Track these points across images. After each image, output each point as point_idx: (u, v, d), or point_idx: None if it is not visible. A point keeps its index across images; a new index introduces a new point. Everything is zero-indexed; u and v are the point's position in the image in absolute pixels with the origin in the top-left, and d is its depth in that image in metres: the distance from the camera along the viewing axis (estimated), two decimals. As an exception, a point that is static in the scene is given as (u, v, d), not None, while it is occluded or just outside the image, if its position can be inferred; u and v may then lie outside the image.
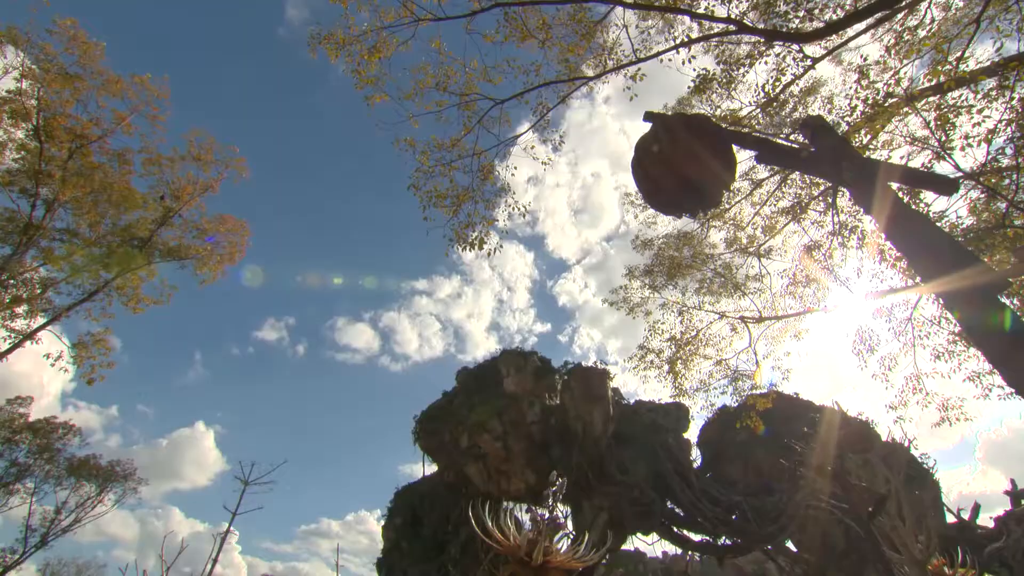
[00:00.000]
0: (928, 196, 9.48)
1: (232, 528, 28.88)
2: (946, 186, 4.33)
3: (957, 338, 10.45)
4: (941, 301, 9.53)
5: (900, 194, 4.49)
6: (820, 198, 12.16)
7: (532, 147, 8.51)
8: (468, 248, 7.12)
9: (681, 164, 3.59)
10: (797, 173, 12.16)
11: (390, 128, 7.53)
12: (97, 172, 12.76)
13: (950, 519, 25.10)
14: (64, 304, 14.65)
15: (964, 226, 9.67)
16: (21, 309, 13.98)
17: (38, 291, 14.20)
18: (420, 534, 28.85)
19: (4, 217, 12.89)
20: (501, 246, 7.62)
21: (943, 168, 8.95)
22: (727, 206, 13.51)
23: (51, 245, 13.68)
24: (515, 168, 8.31)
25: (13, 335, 14.08)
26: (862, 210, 10.08)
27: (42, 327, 14.32)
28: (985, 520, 24.63)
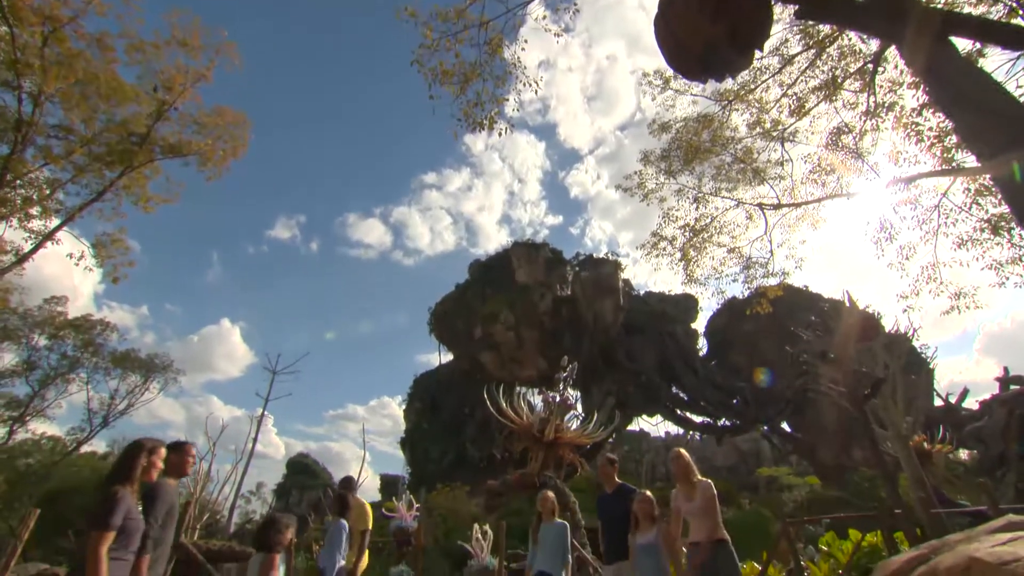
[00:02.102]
0: (988, 66, 8.53)
1: (266, 412, 31.66)
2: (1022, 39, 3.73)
3: (986, 224, 10.06)
4: (986, 179, 8.99)
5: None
6: (857, 75, 11.11)
7: (544, 16, 7.61)
8: (477, 129, 6.68)
9: (710, 17, 3.14)
10: (835, 47, 11.00)
11: (390, -3, 6.70)
12: (78, 60, 11.94)
13: (939, 403, 26.54)
14: (75, 205, 14.69)
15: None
16: (35, 211, 14.07)
17: (47, 192, 14.16)
18: (439, 417, 31.40)
19: (-6, 112, 12.42)
20: (512, 127, 7.14)
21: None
22: (753, 86, 12.50)
23: (48, 143, 13.32)
24: (525, 42, 7.50)
25: (33, 236, 14.35)
26: (911, 73, 9.16)
27: (59, 227, 14.48)
28: (972, 404, 26.06)
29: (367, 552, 6.11)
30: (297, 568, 8.38)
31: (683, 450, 4.79)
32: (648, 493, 4.59)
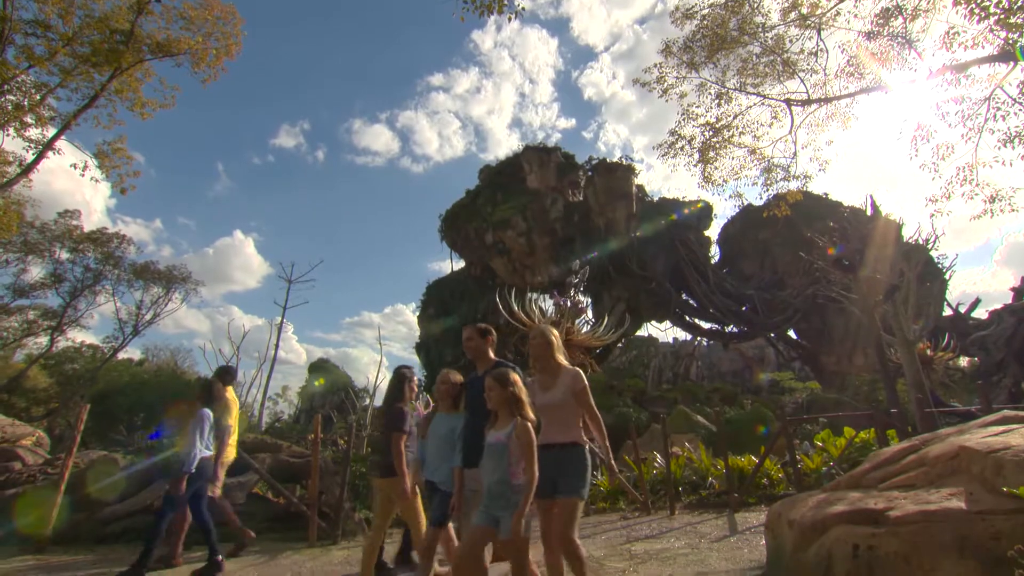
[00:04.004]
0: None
1: (285, 320, 32.96)
2: None
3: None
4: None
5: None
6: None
7: None
8: (484, 12, 6.06)
9: None
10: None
11: None
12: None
13: (948, 312, 26.64)
14: (69, 112, 14.25)
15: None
16: (30, 118, 13.70)
17: (37, 97, 13.66)
18: (452, 322, 32.26)
19: (-42, 2, 11.60)
20: (523, 11, 6.46)
21: None
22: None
23: (28, 43, 12.62)
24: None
25: (33, 146, 14.11)
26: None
27: (57, 135, 14.17)
28: (982, 315, 26.19)
29: (232, 444, 5.97)
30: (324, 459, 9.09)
31: (548, 328, 3.59)
32: (509, 374, 3.29)
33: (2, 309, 29.01)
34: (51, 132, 14.15)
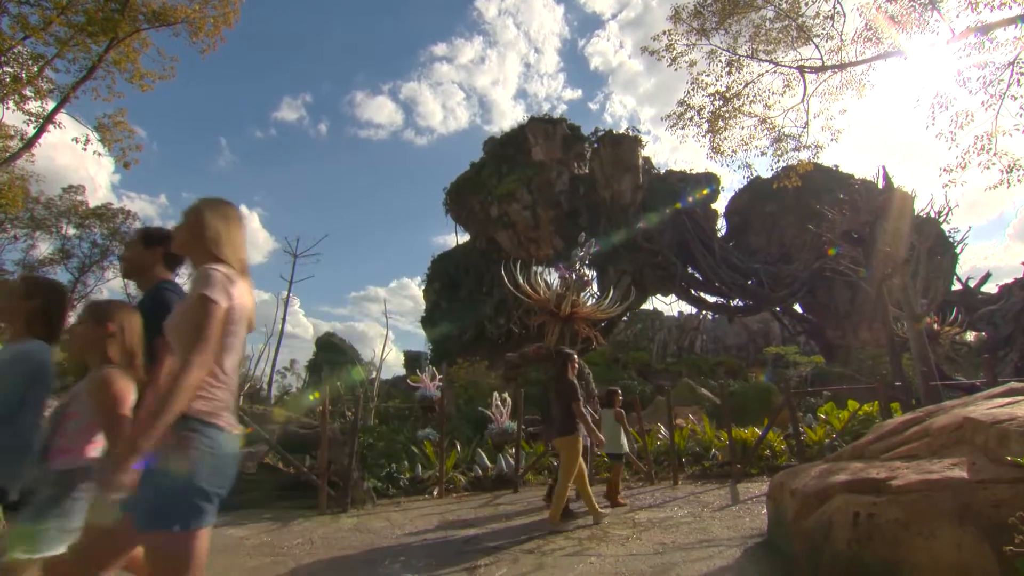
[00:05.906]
0: None
1: (292, 295, 33.17)
2: None
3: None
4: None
5: None
6: None
7: None
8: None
9: None
10: None
11: None
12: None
13: (957, 287, 26.40)
14: (68, 83, 14.09)
15: None
16: (28, 91, 13.57)
17: (35, 69, 13.48)
18: (457, 296, 32.36)
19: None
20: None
21: None
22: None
23: (22, 11, 12.41)
24: None
25: (34, 120, 14.01)
26: None
27: (57, 108, 14.05)
28: (992, 289, 25.95)
29: None
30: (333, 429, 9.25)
31: (216, 203, 1.96)
32: (118, 307, 2.17)
33: (13, 285, 29.32)
34: (51, 105, 14.05)
